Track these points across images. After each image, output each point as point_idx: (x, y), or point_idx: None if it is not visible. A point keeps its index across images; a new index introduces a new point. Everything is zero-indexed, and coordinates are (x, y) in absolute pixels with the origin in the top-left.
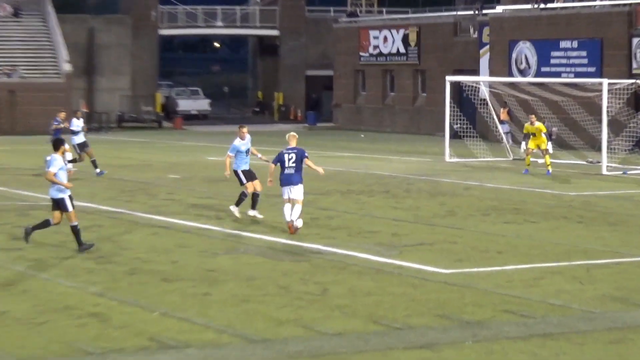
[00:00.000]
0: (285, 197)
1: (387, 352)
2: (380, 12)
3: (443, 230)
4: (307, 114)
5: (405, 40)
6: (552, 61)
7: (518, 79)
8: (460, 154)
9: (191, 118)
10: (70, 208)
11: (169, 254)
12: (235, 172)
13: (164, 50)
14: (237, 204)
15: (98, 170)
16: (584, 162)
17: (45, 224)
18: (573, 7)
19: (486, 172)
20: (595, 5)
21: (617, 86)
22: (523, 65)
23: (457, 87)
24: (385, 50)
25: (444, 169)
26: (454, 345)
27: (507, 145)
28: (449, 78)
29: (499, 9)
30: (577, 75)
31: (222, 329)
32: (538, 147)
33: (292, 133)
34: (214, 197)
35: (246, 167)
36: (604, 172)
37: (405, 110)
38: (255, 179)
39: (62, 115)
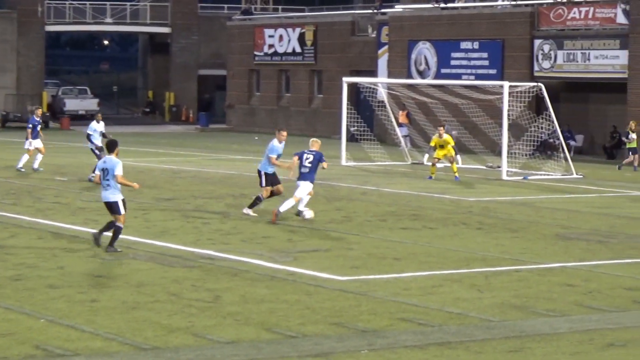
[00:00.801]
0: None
1: None
2: (276, 10)
3: (339, 236)
4: (199, 115)
5: (301, 39)
6: (453, 62)
7: (417, 80)
8: (357, 157)
9: (79, 118)
10: (122, 211)
11: (55, 260)
12: (259, 173)
13: (51, 47)
14: (251, 206)
15: None
16: (484, 167)
17: (113, 227)
18: (474, 7)
19: (384, 176)
20: (497, 6)
21: (519, 89)
22: (422, 67)
23: (354, 88)
24: (280, 50)
25: (341, 173)
26: (350, 354)
27: (406, 149)
28: (346, 79)
29: (399, 8)
30: (478, 77)
31: (111, 337)
32: (445, 156)
33: (314, 139)
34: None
35: (272, 170)
36: (504, 177)
37: (300, 112)
38: (278, 183)
39: None
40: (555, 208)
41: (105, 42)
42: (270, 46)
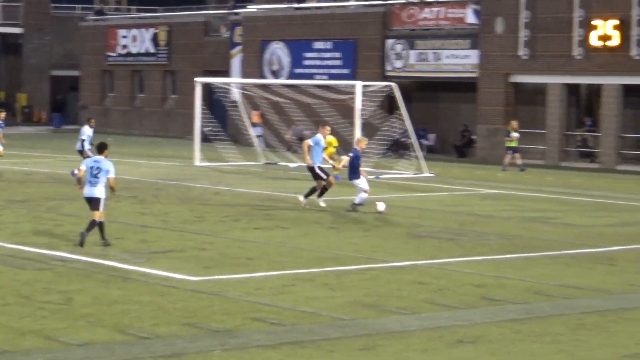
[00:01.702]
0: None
1: None
2: (129, 11)
3: (193, 237)
4: (52, 116)
5: (154, 40)
6: (306, 62)
7: (270, 80)
8: (210, 157)
9: None
10: (102, 208)
11: None
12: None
13: None
14: (320, 195)
15: None
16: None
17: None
18: (327, 7)
19: (237, 176)
20: (349, 6)
21: (371, 89)
22: (276, 67)
23: (208, 88)
24: (134, 50)
25: (194, 173)
26: (202, 354)
27: (259, 149)
28: (199, 79)
29: (252, 8)
30: (331, 77)
31: None
32: (330, 157)
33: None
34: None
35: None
36: None
37: (154, 113)
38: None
39: None
40: (407, 207)
41: None
42: (124, 47)
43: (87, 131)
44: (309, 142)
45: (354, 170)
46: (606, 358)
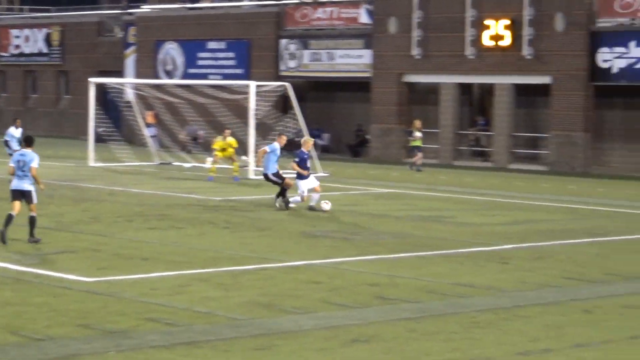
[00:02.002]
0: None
1: None
2: (22, 10)
3: (87, 238)
4: None
5: (47, 39)
6: (200, 62)
7: (164, 80)
8: (104, 158)
9: None
10: (36, 200)
11: None
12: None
13: None
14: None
15: None
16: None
17: (9, 218)
18: (221, 7)
19: (132, 177)
20: (243, 6)
21: (265, 89)
22: (170, 67)
23: (102, 89)
24: (27, 50)
25: (88, 174)
26: (97, 355)
27: (154, 149)
28: (93, 80)
29: (146, 8)
30: (226, 77)
31: None
32: (230, 158)
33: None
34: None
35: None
36: (252, 176)
37: (48, 113)
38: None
39: None
40: (301, 206)
41: None
42: (17, 47)
43: (11, 132)
44: (266, 148)
45: (303, 168)
46: (499, 356)
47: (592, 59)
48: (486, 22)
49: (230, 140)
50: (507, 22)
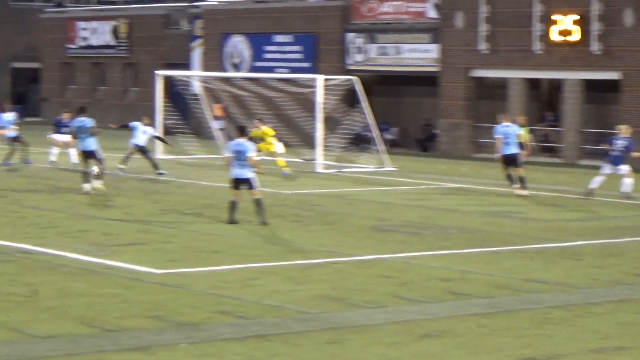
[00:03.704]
0: None
1: (99, 354)
2: (89, 3)
3: (156, 230)
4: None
5: (114, 32)
6: (266, 56)
7: (231, 73)
8: (173, 151)
9: None
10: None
11: None
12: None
13: None
14: None
15: None
16: (299, 160)
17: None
18: (287, 1)
19: (200, 169)
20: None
21: (332, 82)
22: (237, 60)
23: (169, 81)
24: (94, 43)
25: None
26: (168, 347)
27: (222, 142)
28: (160, 72)
29: (212, 1)
30: (292, 70)
31: None
32: (268, 150)
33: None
34: None
35: None
36: (319, 170)
37: (115, 105)
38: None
39: None
40: (370, 200)
41: None
42: (84, 39)
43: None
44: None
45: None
46: (572, 352)
47: None
48: (554, 17)
49: (265, 128)
50: (576, 17)
